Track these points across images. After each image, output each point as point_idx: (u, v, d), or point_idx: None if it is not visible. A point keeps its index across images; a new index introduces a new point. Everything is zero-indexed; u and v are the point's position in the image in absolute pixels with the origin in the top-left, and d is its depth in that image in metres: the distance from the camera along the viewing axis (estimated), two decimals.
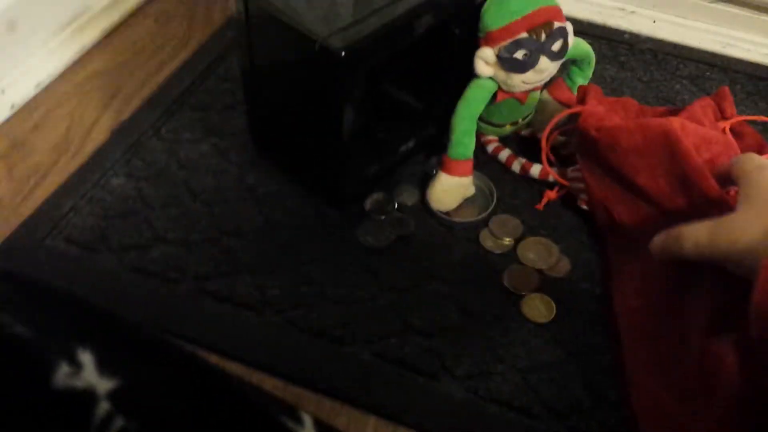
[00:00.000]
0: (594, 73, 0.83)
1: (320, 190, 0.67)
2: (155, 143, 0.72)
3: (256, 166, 0.70)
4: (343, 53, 0.54)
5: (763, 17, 0.87)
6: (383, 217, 0.65)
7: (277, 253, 0.63)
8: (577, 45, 0.70)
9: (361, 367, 0.56)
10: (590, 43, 0.83)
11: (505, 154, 0.71)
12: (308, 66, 0.58)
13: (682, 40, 0.88)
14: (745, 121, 0.71)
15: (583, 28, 0.89)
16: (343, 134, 0.59)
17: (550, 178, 0.68)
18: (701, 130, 0.61)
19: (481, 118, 0.70)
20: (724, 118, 0.68)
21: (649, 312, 0.57)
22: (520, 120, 0.72)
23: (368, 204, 0.67)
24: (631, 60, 0.86)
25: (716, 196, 0.56)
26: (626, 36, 0.89)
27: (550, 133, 0.68)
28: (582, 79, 0.73)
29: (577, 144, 0.65)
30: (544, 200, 0.68)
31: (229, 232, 0.64)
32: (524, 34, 0.62)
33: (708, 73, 0.84)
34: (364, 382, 0.55)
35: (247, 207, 0.66)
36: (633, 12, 0.91)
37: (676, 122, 0.59)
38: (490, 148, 0.72)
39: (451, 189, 0.66)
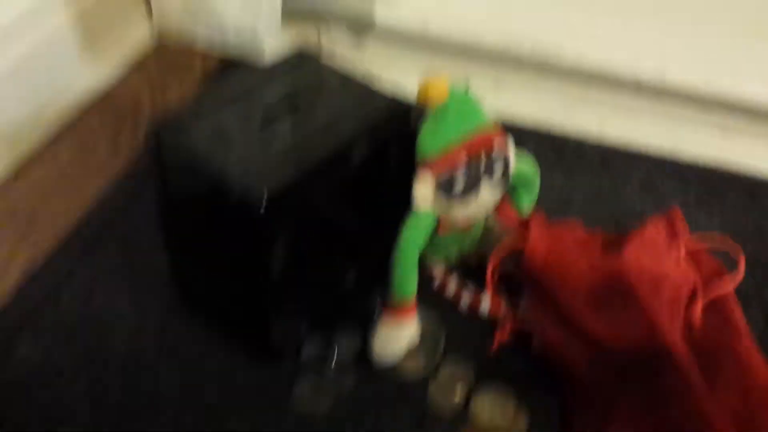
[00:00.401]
0: (541, 182, 0.79)
1: (248, 343, 0.60)
2: (67, 297, 0.65)
3: (177, 318, 0.63)
4: (262, 209, 0.48)
5: (712, 115, 0.84)
6: (319, 376, 0.59)
7: (197, 425, 0.56)
8: (520, 167, 0.66)
9: None
10: (535, 149, 0.80)
11: (452, 288, 0.66)
12: (226, 214, 0.52)
13: (629, 141, 0.85)
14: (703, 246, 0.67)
15: (528, 133, 0.85)
16: (270, 284, 0.54)
17: (502, 313, 0.63)
18: (657, 269, 0.58)
19: (425, 252, 0.66)
20: (677, 238, 0.64)
21: None
22: (465, 248, 0.67)
23: (304, 355, 0.60)
24: (579, 166, 0.82)
25: (666, 346, 0.51)
26: (573, 141, 0.85)
27: (485, 260, 0.63)
28: (528, 201, 0.69)
29: (524, 278, 0.61)
30: (497, 342, 0.63)
31: (144, 404, 0.57)
32: (463, 161, 0.58)
33: (658, 177, 0.81)
34: None
35: (165, 370, 0.59)
36: (578, 115, 0.88)
37: (631, 266, 0.55)
38: (436, 282, 0.67)
39: (393, 338, 0.60)
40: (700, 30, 0.83)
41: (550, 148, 0.84)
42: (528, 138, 0.85)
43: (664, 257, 0.61)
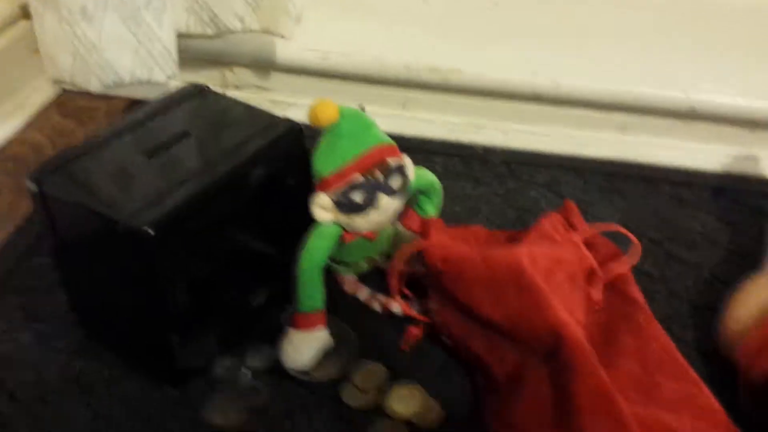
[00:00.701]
0: (450, 191, 0.82)
1: (155, 368, 0.60)
2: None
3: (84, 351, 0.62)
4: (151, 232, 0.49)
5: (610, 115, 0.89)
6: (231, 389, 0.59)
7: None
8: (420, 176, 0.68)
9: None
10: (444, 161, 0.82)
11: (364, 293, 0.67)
12: (117, 244, 0.53)
13: (533, 147, 0.89)
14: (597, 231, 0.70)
15: (437, 148, 0.88)
16: (169, 309, 0.54)
17: (414, 313, 0.64)
18: (551, 253, 0.60)
19: (334, 260, 0.67)
20: (573, 229, 0.67)
21: None
22: (375, 256, 0.68)
23: (215, 374, 0.60)
24: (486, 174, 0.85)
25: (559, 325, 0.53)
26: (479, 151, 0.89)
27: (399, 270, 0.65)
28: (432, 207, 0.71)
29: (427, 278, 0.62)
30: (409, 339, 0.64)
31: None
32: (359, 177, 0.60)
33: (562, 177, 0.84)
34: None
35: (73, 402, 0.59)
36: (483, 126, 0.91)
37: (523, 252, 0.57)
38: (348, 288, 0.68)
39: (304, 345, 0.61)
40: (590, 41, 0.88)
41: (458, 159, 0.87)
42: (438, 151, 0.88)
43: (560, 245, 0.64)
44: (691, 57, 0.86)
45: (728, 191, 0.83)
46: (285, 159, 0.60)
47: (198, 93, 0.65)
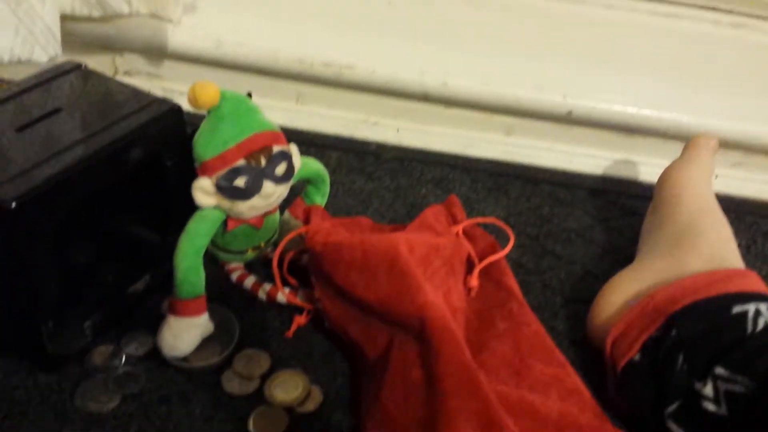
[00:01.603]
0: (342, 185, 0.83)
1: (27, 354, 0.57)
2: None
3: None
4: (14, 205, 0.47)
5: (496, 117, 0.92)
6: (106, 375, 0.57)
7: None
8: (306, 165, 0.68)
9: None
10: (339, 156, 0.83)
11: (250, 281, 0.67)
12: None
13: (425, 145, 0.91)
14: (476, 223, 0.72)
15: (331, 142, 0.89)
16: (38, 293, 0.52)
17: (298, 301, 0.65)
18: (429, 240, 0.62)
19: (218, 247, 0.66)
20: (456, 222, 0.69)
21: None
22: (261, 244, 0.68)
23: (90, 360, 0.58)
24: (379, 170, 0.86)
25: (426, 308, 0.55)
26: (373, 147, 0.90)
27: (284, 253, 0.65)
28: (319, 196, 0.72)
29: (308, 263, 0.63)
30: (294, 327, 0.64)
31: None
32: (241, 162, 0.59)
33: (451, 175, 0.87)
34: None
35: None
36: (377, 123, 0.93)
37: (400, 238, 0.59)
38: (234, 276, 0.68)
39: (183, 332, 0.60)
40: (479, 45, 0.91)
41: (352, 154, 0.88)
42: (332, 146, 0.88)
43: (440, 234, 0.65)
44: (573, 64, 0.90)
45: (604, 192, 0.88)
46: (163, 139, 0.59)
47: (75, 70, 0.63)
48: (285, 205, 0.69)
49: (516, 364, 0.58)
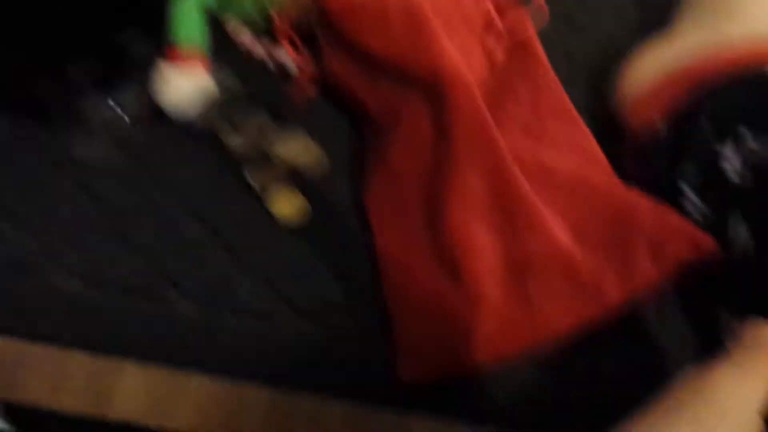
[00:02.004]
0: None
1: (17, 99, 0.55)
2: None
3: None
4: None
5: None
6: (99, 122, 0.55)
7: None
8: None
9: (69, 300, 0.47)
10: None
11: (259, 51, 0.63)
12: None
13: None
14: None
15: None
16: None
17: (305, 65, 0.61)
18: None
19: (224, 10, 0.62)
20: None
21: (402, 196, 0.52)
22: (269, 7, 0.63)
23: (83, 111, 0.56)
24: None
25: (445, 63, 0.51)
26: None
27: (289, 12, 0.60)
28: None
29: (315, 22, 0.58)
30: (299, 93, 0.61)
31: None
32: None
33: None
34: (73, 317, 0.46)
35: None
36: None
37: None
38: (243, 47, 0.63)
39: (178, 81, 0.57)
40: None
41: None
42: None
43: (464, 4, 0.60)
44: None
45: None
46: None
47: None
48: None
49: (533, 125, 0.54)
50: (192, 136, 0.57)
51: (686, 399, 0.36)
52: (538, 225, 0.48)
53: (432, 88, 0.52)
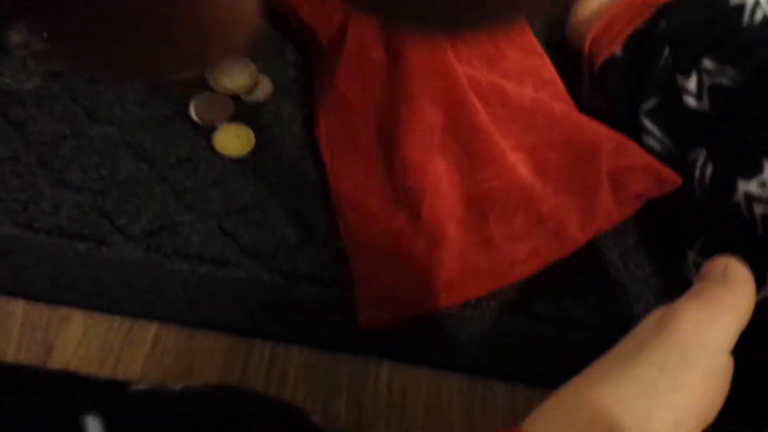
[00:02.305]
0: None
1: None
2: None
3: None
4: None
5: None
6: (26, 52, 0.50)
7: None
8: None
9: (5, 243, 0.43)
10: None
11: None
12: None
13: None
14: None
15: None
16: None
17: None
18: None
19: None
20: None
21: (353, 128, 0.49)
22: None
23: (6, 38, 0.51)
24: None
25: None
26: None
27: None
28: None
29: None
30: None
31: None
32: None
33: None
34: (9, 263, 0.43)
35: None
36: None
37: None
38: None
39: None
40: None
41: None
42: None
43: None
44: None
45: None
46: None
47: None
48: None
49: (491, 53, 0.52)
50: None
51: (650, 340, 0.36)
52: (498, 158, 0.47)
53: None
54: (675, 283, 0.45)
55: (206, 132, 0.50)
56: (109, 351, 0.40)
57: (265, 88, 0.53)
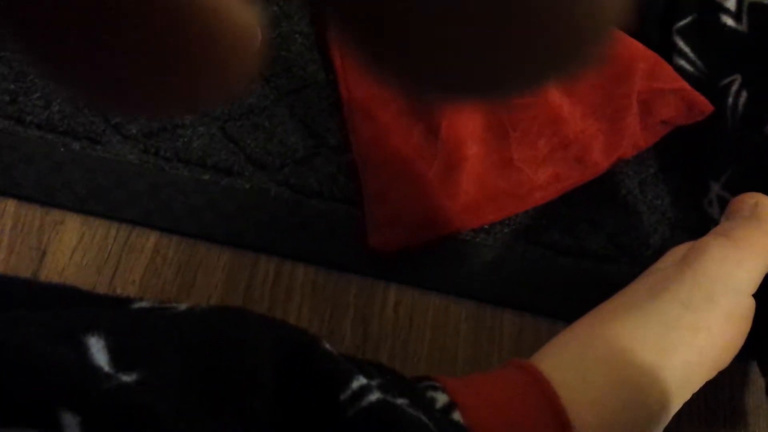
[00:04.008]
0: None
1: None
2: None
3: None
4: None
5: None
6: None
7: None
8: None
9: None
10: None
11: None
12: None
13: None
14: None
15: None
16: None
17: None
18: None
19: None
20: None
21: None
22: None
23: None
24: None
25: None
26: None
27: None
28: None
29: None
30: None
31: None
32: None
33: None
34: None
35: None
36: None
37: None
38: None
39: None
40: None
41: None
42: None
43: None
44: None
45: None
46: None
47: None
48: None
49: None
50: None
51: (674, 276, 0.34)
52: None
53: None
54: (693, 216, 0.44)
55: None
56: (107, 259, 0.38)
57: None
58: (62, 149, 0.41)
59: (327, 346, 0.30)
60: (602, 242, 0.43)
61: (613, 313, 0.34)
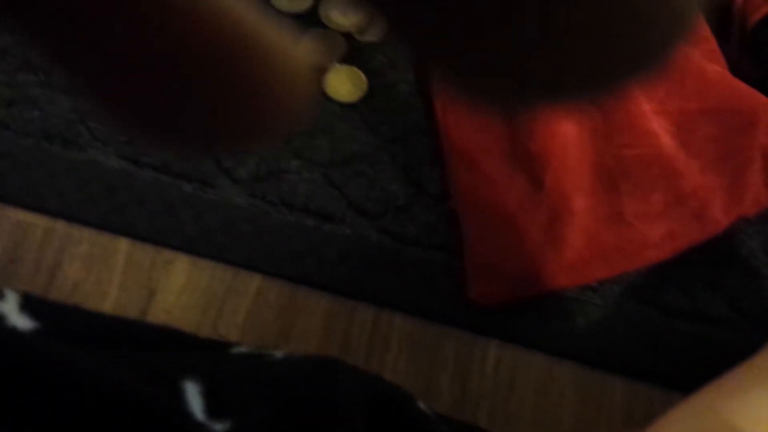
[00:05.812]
0: None
1: None
2: None
3: None
4: None
5: None
6: None
7: None
8: None
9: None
10: None
11: None
12: None
13: None
14: None
15: None
16: None
17: None
18: None
19: None
20: None
21: None
22: None
23: None
24: None
25: None
26: None
27: None
28: None
29: None
30: None
31: None
32: None
33: None
34: (112, 198, 0.42)
35: None
36: None
37: None
38: None
39: None
40: None
41: None
42: None
43: None
44: None
45: None
46: None
47: None
48: None
49: None
50: None
51: None
52: (638, 122, 0.42)
53: None
54: None
55: (317, 73, 0.47)
56: (212, 300, 0.39)
57: (380, 26, 0.49)
58: (174, 190, 0.42)
59: (422, 405, 0.29)
60: (721, 306, 0.40)
61: (731, 390, 0.32)
